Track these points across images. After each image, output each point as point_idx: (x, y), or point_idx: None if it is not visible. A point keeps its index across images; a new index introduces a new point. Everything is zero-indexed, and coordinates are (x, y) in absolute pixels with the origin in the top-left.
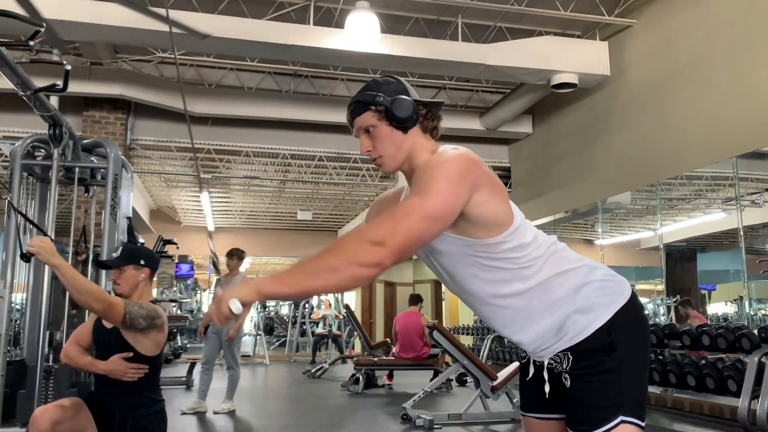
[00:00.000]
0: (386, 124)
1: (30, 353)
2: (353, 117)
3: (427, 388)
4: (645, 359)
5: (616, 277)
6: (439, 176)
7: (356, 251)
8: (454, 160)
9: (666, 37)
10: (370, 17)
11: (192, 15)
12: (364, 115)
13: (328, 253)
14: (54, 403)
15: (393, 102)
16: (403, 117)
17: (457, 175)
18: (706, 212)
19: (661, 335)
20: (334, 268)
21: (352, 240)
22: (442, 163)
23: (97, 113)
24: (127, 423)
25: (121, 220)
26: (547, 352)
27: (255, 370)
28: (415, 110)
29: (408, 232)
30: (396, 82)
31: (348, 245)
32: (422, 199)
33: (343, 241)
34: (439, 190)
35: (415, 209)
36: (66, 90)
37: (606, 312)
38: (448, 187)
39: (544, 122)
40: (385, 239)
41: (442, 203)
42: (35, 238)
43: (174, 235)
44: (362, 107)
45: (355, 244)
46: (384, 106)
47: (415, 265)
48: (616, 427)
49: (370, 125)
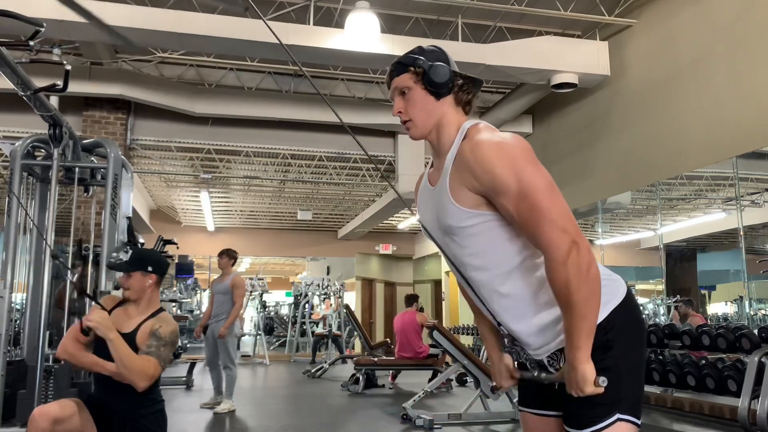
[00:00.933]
0: (421, 88)
1: (30, 353)
2: (391, 77)
3: (427, 388)
4: (641, 358)
5: (612, 276)
6: (521, 161)
7: (575, 258)
8: (522, 149)
9: (666, 37)
10: (370, 17)
11: (192, 15)
12: (403, 76)
13: (577, 293)
14: (53, 402)
15: (431, 67)
16: (439, 82)
17: (533, 159)
18: (706, 212)
19: (661, 335)
20: (590, 292)
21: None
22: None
23: (97, 113)
24: (127, 423)
25: (121, 220)
26: (544, 351)
27: (255, 370)
28: (452, 79)
29: (562, 210)
30: (439, 51)
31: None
32: (532, 187)
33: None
34: (532, 171)
35: (539, 197)
36: (66, 90)
37: (602, 310)
38: (535, 167)
39: (544, 122)
40: (569, 237)
41: (544, 175)
42: (95, 313)
43: (174, 235)
44: (402, 68)
45: (567, 265)
46: (422, 69)
47: (415, 265)
48: (613, 424)
49: (406, 87)
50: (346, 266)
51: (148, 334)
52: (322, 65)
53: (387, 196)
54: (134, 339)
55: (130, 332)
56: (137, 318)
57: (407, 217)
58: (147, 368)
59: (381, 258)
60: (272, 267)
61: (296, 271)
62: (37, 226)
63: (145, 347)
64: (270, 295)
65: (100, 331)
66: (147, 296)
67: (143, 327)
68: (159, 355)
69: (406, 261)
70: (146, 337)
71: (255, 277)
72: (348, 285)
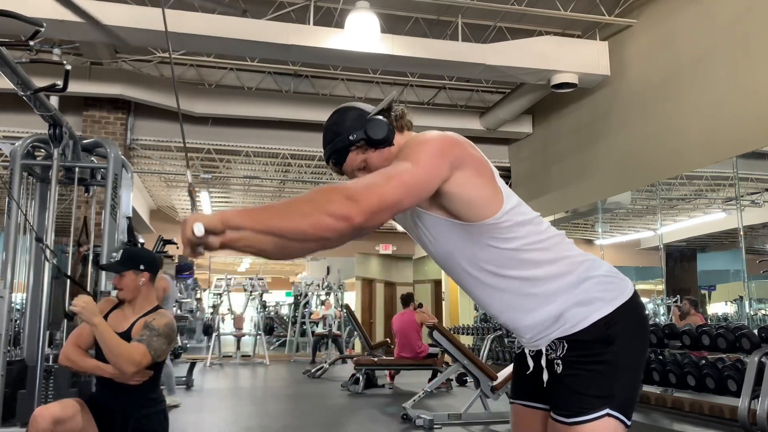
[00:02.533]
0: (373, 151)
1: (30, 353)
2: (340, 167)
3: (427, 388)
4: (641, 359)
5: (619, 275)
6: (421, 150)
7: (329, 200)
8: (436, 138)
9: (666, 37)
10: (370, 17)
11: (192, 15)
12: (349, 158)
13: (301, 198)
14: (54, 402)
15: (367, 128)
16: (385, 135)
17: (439, 150)
18: (706, 212)
19: (661, 335)
20: (303, 212)
21: (328, 190)
22: (425, 141)
23: (97, 113)
24: (129, 423)
25: (121, 220)
26: (544, 341)
27: (255, 370)
28: (389, 122)
29: (382, 195)
30: (346, 110)
31: (322, 194)
32: (402, 169)
33: (318, 190)
34: (420, 161)
35: (393, 176)
36: (66, 90)
37: (607, 306)
38: (428, 159)
39: (544, 122)
40: (358, 197)
41: (420, 174)
42: (80, 298)
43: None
44: (342, 153)
45: (329, 194)
46: (362, 139)
47: (415, 265)
48: (600, 418)
49: (361, 161)
50: (346, 266)
51: (142, 326)
52: (322, 65)
53: None
54: (129, 337)
55: (124, 331)
56: (132, 317)
57: None
58: (134, 354)
59: (381, 258)
60: (272, 267)
61: (296, 271)
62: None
63: (137, 337)
64: (270, 295)
65: (84, 315)
66: (142, 295)
67: (138, 323)
68: (150, 343)
69: (406, 261)
70: (140, 330)
71: (255, 277)
72: (348, 285)
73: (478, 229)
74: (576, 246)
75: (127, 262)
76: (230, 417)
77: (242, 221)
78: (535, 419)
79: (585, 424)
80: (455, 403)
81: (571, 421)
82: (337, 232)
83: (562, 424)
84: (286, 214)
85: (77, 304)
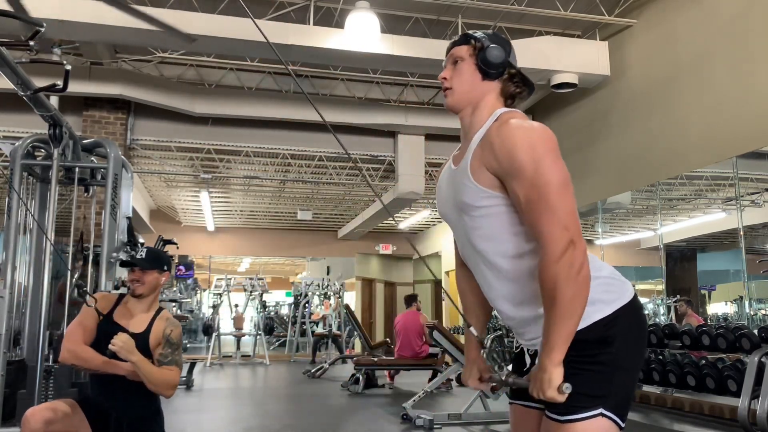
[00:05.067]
0: (473, 62)
1: (30, 353)
2: (453, 45)
3: (427, 388)
4: (638, 361)
5: (621, 278)
6: (542, 150)
7: (569, 256)
8: (549, 141)
9: (666, 37)
10: (370, 17)
11: (192, 15)
12: (461, 47)
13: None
14: (46, 403)
15: (489, 47)
16: (491, 62)
17: (556, 155)
18: (706, 212)
19: (661, 335)
20: (574, 292)
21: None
22: (549, 151)
23: (97, 113)
24: (123, 424)
25: (121, 220)
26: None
27: (255, 370)
28: (504, 66)
29: (569, 208)
30: (506, 41)
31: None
32: (546, 177)
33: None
34: (553, 162)
35: (550, 188)
36: (66, 90)
37: (607, 308)
38: (554, 157)
39: (544, 122)
40: (569, 235)
41: (561, 169)
42: (120, 336)
43: (174, 235)
44: (464, 40)
45: (560, 262)
46: (481, 44)
47: (415, 265)
48: (593, 418)
49: (460, 57)
50: (346, 266)
51: (162, 339)
52: (322, 65)
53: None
54: (147, 339)
55: (142, 332)
56: (143, 316)
57: (407, 217)
58: (172, 379)
59: (381, 258)
60: (272, 267)
61: (296, 271)
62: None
63: (161, 357)
64: (270, 295)
65: (123, 354)
66: (156, 293)
67: (154, 328)
68: (177, 361)
69: (406, 261)
70: (159, 341)
71: (255, 277)
72: (348, 285)
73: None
74: None
75: (154, 261)
76: (230, 417)
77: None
78: (534, 419)
79: (577, 423)
80: (455, 403)
81: (564, 419)
82: (583, 253)
83: (555, 422)
84: (572, 310)
85: (116, 344)
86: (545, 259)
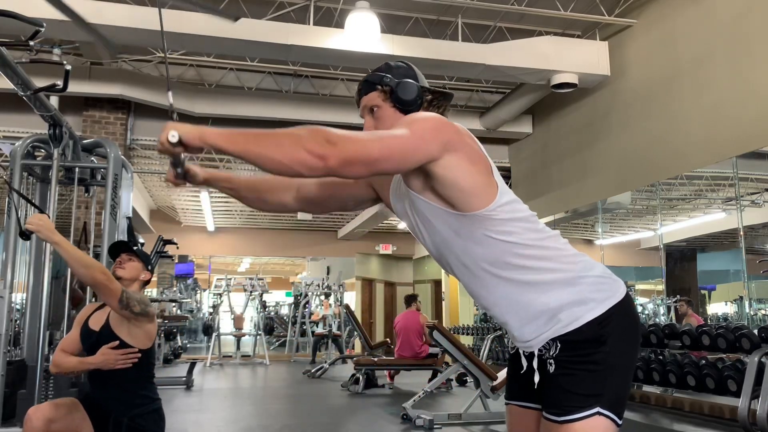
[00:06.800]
0: (390, 106)
1: (30, 353)
2: (360, 96)
3: (427, 388)
4: (632, 359)
5: (612, 276)
6: (417, 122)
7: (311, 137)
8: (435, 117)
9: (666, 37)
10: (370, 17)
11: (192, 15)
12: (371, 94)
13: (284, 131)
14: (48, 402)
15: (399, 84)
16: (406, 99)
17: (433, 127)
18: (706, 212)
19: (661, 335)
20: (282, 143)
21: (313, 129)
22: (424, 116)
23: (97, 113)
24: (123, 422)
25: (121, 220)
26: (536, 342)
27: (255, 370)
28: (420, 95)
29: (363, 148)
30: (406, 67)
31: (306, 131)
32: (392, 133)
33: (304, 127)
34: (412, 131)
35: (381, 137)
36: (66, 90)
37: (600, 306)
38: (420, 132)
39: (544, 122)
40: (339, 142)
41: (408, 142)
42: (34, 216)
43: (174, 235)
44: (369, 86)
45: (313, 132)
46: (390, 87)
47: (415, 265)
48: (591, 417)
49: (375, 105)
50: (346, 266)
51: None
52: (322, 65)
53: None
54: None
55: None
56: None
57: None
58: (101, 265)
59: (381, 258)
60: (272, 267)
61: (296, 271)
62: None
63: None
64: (270, 295)
65: (42, 234)
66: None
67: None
68: (143, 301)
69: (406, 261)
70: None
71: (255, 277)
72: (348, 285)
73: (470, 221)
74: (571, 245)
75: (142, 255)
76: (230, 417)
77: (218, 140)
78: (530, 420)
79: (575, 423)
80: (455, 403)
81: (562, 420)
82: (310, 168)
83: (553, 422)
84: (264, 141)
85: (33, 222)
86: (320, 128)
